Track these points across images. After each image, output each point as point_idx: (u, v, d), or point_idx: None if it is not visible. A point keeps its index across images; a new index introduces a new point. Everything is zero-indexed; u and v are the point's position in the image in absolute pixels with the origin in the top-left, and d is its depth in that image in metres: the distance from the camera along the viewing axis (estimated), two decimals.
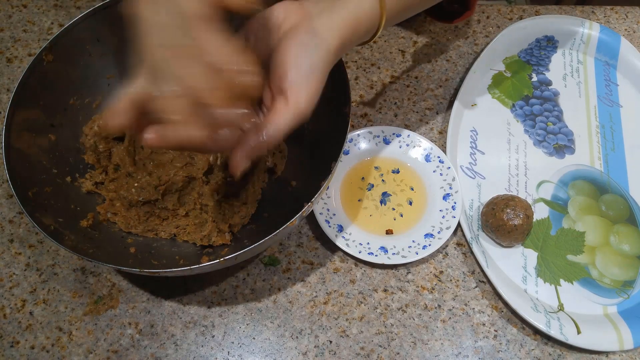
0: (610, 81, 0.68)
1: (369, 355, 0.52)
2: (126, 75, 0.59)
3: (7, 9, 0.74)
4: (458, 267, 0.57)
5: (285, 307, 0.54)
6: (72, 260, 0.57)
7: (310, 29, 0.39)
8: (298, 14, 0.40)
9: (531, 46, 0.70)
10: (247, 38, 0.41)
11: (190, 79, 0.34)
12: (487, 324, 0.54)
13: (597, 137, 0.64)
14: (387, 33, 0.72)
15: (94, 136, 0.56)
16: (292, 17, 0.40)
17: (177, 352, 0.52)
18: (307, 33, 0.39)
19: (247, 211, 0.55)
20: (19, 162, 0.49)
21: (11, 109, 0.49)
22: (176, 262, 0.51)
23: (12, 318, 0.54)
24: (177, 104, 0.34)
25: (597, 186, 0.61)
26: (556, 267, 0.56)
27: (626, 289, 0.55)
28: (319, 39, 0.39)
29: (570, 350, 0.52)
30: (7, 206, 0.60)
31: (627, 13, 0.75)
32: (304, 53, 0.38)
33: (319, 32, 0.39)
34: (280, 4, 0.41)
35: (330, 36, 0.39)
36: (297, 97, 0.38)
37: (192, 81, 0.34)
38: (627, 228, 0.58)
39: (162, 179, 0.54)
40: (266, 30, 0.40)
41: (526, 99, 0.66)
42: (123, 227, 0.54)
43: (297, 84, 0.38)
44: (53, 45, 0.53)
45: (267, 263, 0.56)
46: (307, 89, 0.38)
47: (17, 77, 0.68)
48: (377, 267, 0.56)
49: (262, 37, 0.40)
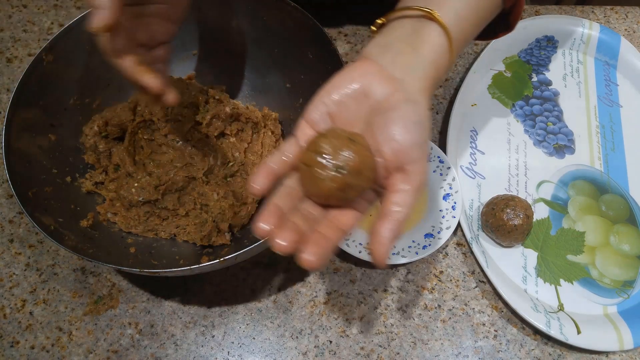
0: (610, 81, 0.68)
1: (369, 355, 0.52)
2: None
3: (7, 9, 0.74)
4: (458, 267, 0.57)
5: (285, 307, 0.54)
6: (72, 260, 0.57)
7: (406, 98, 0.37)
8: (382, 81, 0.38)
9: (531, 46, 0.70)
10: (331, 109, 0.39)
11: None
12: (487, 324, 0.54)
13: (597, 137, 0.64)
14: None
15: (94, 136, 0.56)
16: (377, 86, 0.38)
17: (177, 352, 0.52)
18: (406, 103, 0.37)
19: (247, 211, 0.55)
20: (19, 162, 0.49)
21: (11, 109, 0.49)
22: (176, 262, 0.51)
23: (12, 318, 0.54)
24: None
25: (597, 186, 0.61)
26: (556, 267, 0.56)
27: (626, 289, 0.55)
28: (418, 107, 0.37)
29: (570, 350, 0.52)
30: (7, 206, 0.60)
31: (627, 13, 0.75)
32: (412, 127, 0.36)
33: (415, 99, 0.37)
34: (354, 70, 0.39)
35: (423, 98, 0.38)
36: (419, 175, 0.36)
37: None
38: (627, 228, 0.58)
39: (162, 179, 0.54)
40: (351, 100, 0.38)
41: (526, 99, 0.66)
42: (123, 227, 0.54)
43: (414, 159, 0.36)
44: (53, 45, 0.53)
45: (267, 263, 0.56)
46: (424, 162, 0.36)
47: (17, 77, 0.68)
48: (377, 267, 0.56)
49: (348, 107, 0.39)
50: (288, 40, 0.57)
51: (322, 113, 0.39)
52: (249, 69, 0.62)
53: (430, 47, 0.39)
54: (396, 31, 0.40)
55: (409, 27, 0.40)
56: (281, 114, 0.61)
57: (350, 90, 0.39)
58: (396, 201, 0.35)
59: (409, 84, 0.38)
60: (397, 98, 0.37)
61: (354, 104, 0.39)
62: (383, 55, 0.39)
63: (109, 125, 0.56)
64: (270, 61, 0.60)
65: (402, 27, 0.40)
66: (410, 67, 0.38)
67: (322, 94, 0.39)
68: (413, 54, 0.39)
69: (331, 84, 0.39)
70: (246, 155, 0.58)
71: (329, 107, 0.39)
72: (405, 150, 0.36)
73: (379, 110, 0.37)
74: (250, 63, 0.62)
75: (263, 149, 0.58)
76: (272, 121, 0.59)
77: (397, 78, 0.38)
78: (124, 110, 0.57)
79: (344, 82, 0.39)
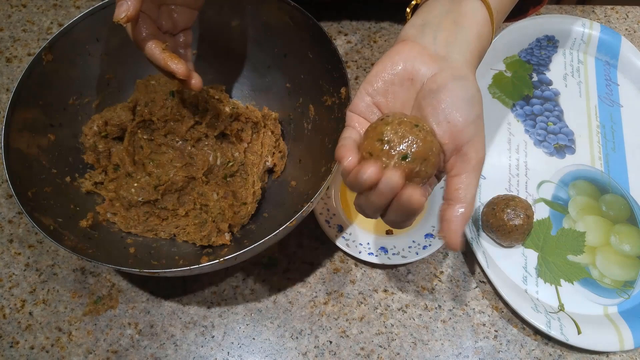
0: (611, 81, 0.68)
1: (369, 355, 0.52)
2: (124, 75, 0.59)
3: (7, 9, 0.74)
4: (458, 267, 0.56)
5: (285, 308, 0.54)
6: (72, 260, 0.56)
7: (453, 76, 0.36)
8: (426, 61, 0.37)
9: (531, 46, 0.70)
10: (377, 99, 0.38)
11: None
12: (488, 324, 0.53)
13: (597, 137, 0.64)
14: (387, 33, 0.72)
15: (93, 136, 0.56)
16: (421, 66, 0.37)
17: (176, 353, 0.52)
18: (454, 81, 0.35)
19: (247, 211, 0.55)
20: (18, 162, 0.49)
21: (11, 108, 0.49)
22: (176, 262, 0.51)
23: (11, 318, 0.53)
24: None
25: (597, 186, 0.61)
26: (557, 267, 0.56)
27: (627, 289, 0.55)
28: (466, 82, 0.36)
29: (570, 351, 0.52)
30: (6, 206, 0.60)
31: (627, 13, 0.75)
32: (464, 105, 0.35)
33: (463, 74, 0.36)
34: (395, 54, 0.38)
35: (471, 72, 0.37)
36: (477, 152, 0.35)
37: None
38: (627, 228, 0.58)
39: (162, 179, 0.54)
40: (397, 86, 0.37)
41: (527, 99, 0.66)
42: (123, 227, 0.54)
43: (470, 138, 0.35)
44: (52, 45, 0.53)
45: (267, 263, 0.56)
46: (480, 138, 0.35)
47: (17, 77, 0.68)
48: (377, 267, 0.56)
49: (395, 93, 0.37)
50: (288, 40, 0.57)
51: (367, 104, 0.38)
52: (249, 69, 0.62)
53: (471, 20, 0.38)
54: (434, 9, 0.39)
55: (446, 3, 0.39)
56: (281, 114, 0.60)
57: (394, 76, 0.37)
58: (459, 186, 0.34)
59: (454, 60, 0.37)
60: (445, 77, 0.36)
61: (401, 90, 0.37)
62: (423, 35, 0.38)
63: (108, 125, 0.56)
64: (270, 61, 0.60)
65: (439, 4, 0.39)
66: (453, 43, 0.37)
67: (365, 84, 0.38)
68: (455, 29, 0.38)
69: (373, 72, 0.38)
70: (246, 155, 0.58)
71: (375, 97, 0.38)
72: (459, 130, 0.35)
73: (428, 92, 0.36)
74: (250, 63, 0.62)
75: (263, 149, 0.58)
76: (272, 121, 0.59)
77: (441, 55, 0.37)
78: (124, 110, 0.56)
79: (386, 68, 0.37)
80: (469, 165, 0.34)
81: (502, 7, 0.40)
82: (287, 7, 0.55)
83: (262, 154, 0.58)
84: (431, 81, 0.36)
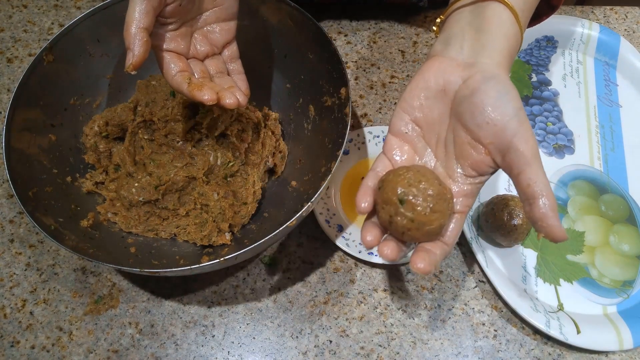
0: (610, 81, 0.68)
1: (368, 355, 0.52)
2: (125, 75, 0.59)
3: (8, 9, 0.74)
4: (458, 266, 0.57)
5: (285, 307, 0.54)
6: (73, 260, 0.57)
7: (484, 77, 0.36)
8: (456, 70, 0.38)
9: (531, 46, 0.70)
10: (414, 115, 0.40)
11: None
12: (487, 324, 0.54)
13: (596, 137, 0.64)
14: (386, 33, 0.73)
15: (94, 136, 0.56)
16: (451, 76, 0.38)
17: (177, 352, 0.52)
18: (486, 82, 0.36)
19: (247, 211, 0.55)
20: (19, 162, 0.49)
21: (11, 109, 0.49)
22: (176, 262, 0.51)
23: (12, 318, 0.54)
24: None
25: (596, 186, 0.61)
26: (556, 266, 0.56)
27: (626, 289, 0.55)
28: (497, 79, 0.36)
29: (569, 350, 0.52)
30: (7, 206, 0.60)
31: (626, 13, 0.75)
32: (498, 102, 0.35)
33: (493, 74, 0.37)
34: (426, 71, 0.39)
35: (502, 71, 0.37)
36: (527, 143, 0.35)
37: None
38: (626, 228, 0.58)
39: (163, 179, 0.54)
40: (432, 101, 0.39)
41: (526, 99, 0.66)
42: (123, 227, 0.54)
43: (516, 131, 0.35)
44: (53, 45, 0.53)
45: (267, 263, 0.57)
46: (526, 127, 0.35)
47: (18, 77, 0.68)
48: (377, 267, 0.56)
49: (430, 107, 0.39)
50: (288, 40, 0.57)
51: (406, 122, 0.40)
52: (249, 69, 0.62)
53: (495, 23, 0.38)
54: (458, 22, 0.40)
55: (468, 14, 0.40)
56: (281, 114, 0.61)
57: (427, 90, 0.39)
58: (528, 182, 0.34)
59: (483, 63, 0.37)
60: (475, 80, 0.37)
61: (435, 103, 0.39)
62: (449, 48, 0.39)
63: (109, 125, 0.56)
64: (270, 62, 0.60)
65: (462, 17, 0.40)
66: (480, 48, 0.38)
67: (401, 102, 0.40)
68: (479, 36, 0.38)
69: (407, 90, 0.40)
70: (246, 155, 0.58)
71: (412, 114, 0.40)
72: (502, 128, 0.35)
73: (462, 98, 0.37)
74: (250, 63, 0.62)
75: (263, 149, 0.58)
76: (272, 121, 0.59)
77: (470, 63, 0.38)
78: (125, 110, 0.57)
79: (419, 85, 0.39)
80: (525, 159, 0.35)
81: (526, 7, 0.41)
82: (287, 7, 0.55)
83: (263, 154, 0.58)
84: (463, 87, 0.37)
